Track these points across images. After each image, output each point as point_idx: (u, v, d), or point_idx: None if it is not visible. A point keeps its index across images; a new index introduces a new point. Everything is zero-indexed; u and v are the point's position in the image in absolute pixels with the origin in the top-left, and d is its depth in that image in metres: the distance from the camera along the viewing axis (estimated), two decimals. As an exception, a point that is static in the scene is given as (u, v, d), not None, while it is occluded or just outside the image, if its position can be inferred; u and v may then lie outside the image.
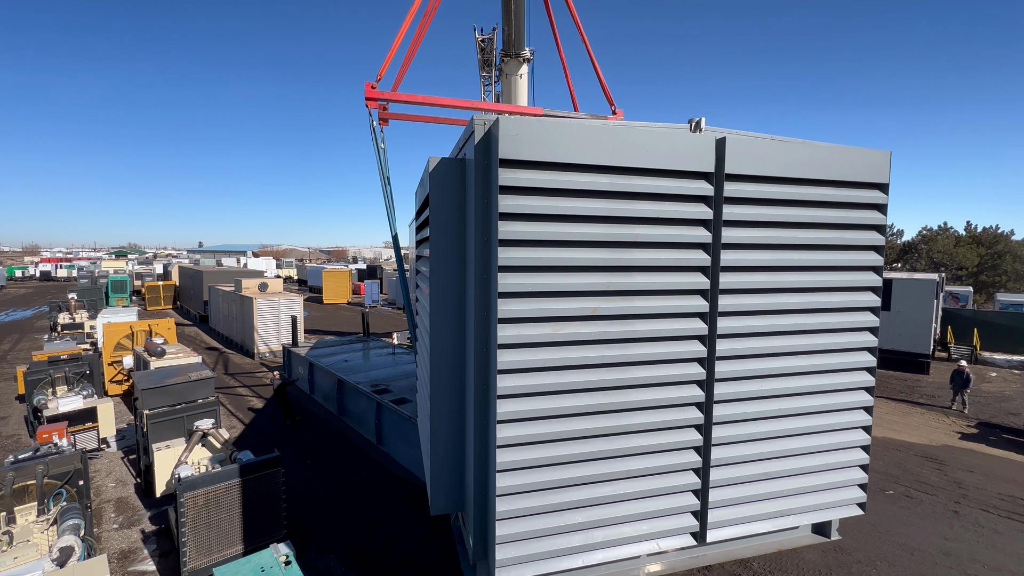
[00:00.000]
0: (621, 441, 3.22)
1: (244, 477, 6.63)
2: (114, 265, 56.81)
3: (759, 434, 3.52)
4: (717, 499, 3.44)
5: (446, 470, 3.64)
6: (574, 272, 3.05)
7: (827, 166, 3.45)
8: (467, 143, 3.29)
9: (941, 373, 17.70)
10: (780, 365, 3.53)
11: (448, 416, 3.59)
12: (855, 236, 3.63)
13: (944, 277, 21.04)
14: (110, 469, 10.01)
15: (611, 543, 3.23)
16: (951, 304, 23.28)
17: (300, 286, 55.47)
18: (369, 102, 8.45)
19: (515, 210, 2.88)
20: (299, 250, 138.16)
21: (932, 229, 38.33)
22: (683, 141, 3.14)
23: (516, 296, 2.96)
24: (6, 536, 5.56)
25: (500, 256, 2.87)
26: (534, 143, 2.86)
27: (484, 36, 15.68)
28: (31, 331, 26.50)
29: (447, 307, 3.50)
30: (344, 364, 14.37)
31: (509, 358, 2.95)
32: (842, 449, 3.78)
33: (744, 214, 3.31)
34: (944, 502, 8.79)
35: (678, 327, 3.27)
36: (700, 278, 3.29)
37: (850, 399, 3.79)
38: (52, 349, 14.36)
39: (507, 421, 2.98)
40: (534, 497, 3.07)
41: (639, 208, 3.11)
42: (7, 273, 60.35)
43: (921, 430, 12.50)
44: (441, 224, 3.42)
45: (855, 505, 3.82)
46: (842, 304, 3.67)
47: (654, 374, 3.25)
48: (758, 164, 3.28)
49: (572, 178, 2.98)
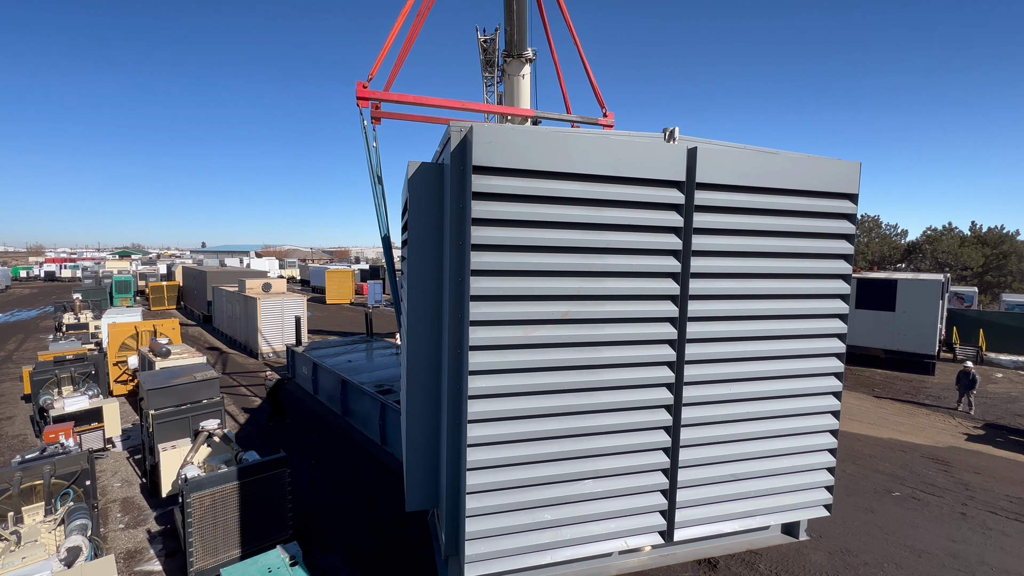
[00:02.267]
0: (590, 441, 3.29)
1: (250, 478, 6.63)
2: (118, 265, 57.03)
3: (727, 436, 3.59)
4: (685, 499, 3.51)
5: (421, 468, 3.71)
6: (546, 276, 3.11)
7: (797, 176, 3.50)
8: (445, 149, 3.35)
9: (946, 374, 17.62)
10: (749, 369, 3.60)
11: (423, 415, 3.65)
12: (824, 245, 3.70)
13: (949, 278, 20.94)
14: (116, 469, 10.04)
15: (579, 541, 3.31)
16: (956, 305, 23.19)
17: (303, 286, 55.58)
18: (360, 101, 8.51)
19: (488, 215, 2.93)
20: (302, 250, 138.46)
21: (937, 229, 38.18)
22: (655, 150, 3.19)
23: (488, 299, 3.01)
24: (14, 536, 5.58)
25: (473, 260, 2.93)
26: (508, 150, 2.90)
27: (486, 37, 15.68)
28: (36, 331, 26.62)
29: (424, 309, 3.56)
30: (348, 364, 14.39)
31: (481, 359, 3.02)
32: (809, 452, 3.85)
33: (714, 222, 3.37)
34: (951, 504, 8.74)
35: (648, 331, 3.34)
36: (670, 283, 3.35)
37: (818, 403, 3.85)
38: (57, 349, 14.42)
39: (478, 421, 3.05)
40: (504, 495, 3.14)
41: (611, 215, 3.17)
42: (12, 273, 60.67)
43: (927, 431, 12.44)
44: (419, 228, 3.47)
45: (822, 507, 3.90)
46: (811, 311, 3.74)
47: (624, 376, 3.32)
48: (729, 173, 3.33)
49: (545, 185, 3.02)
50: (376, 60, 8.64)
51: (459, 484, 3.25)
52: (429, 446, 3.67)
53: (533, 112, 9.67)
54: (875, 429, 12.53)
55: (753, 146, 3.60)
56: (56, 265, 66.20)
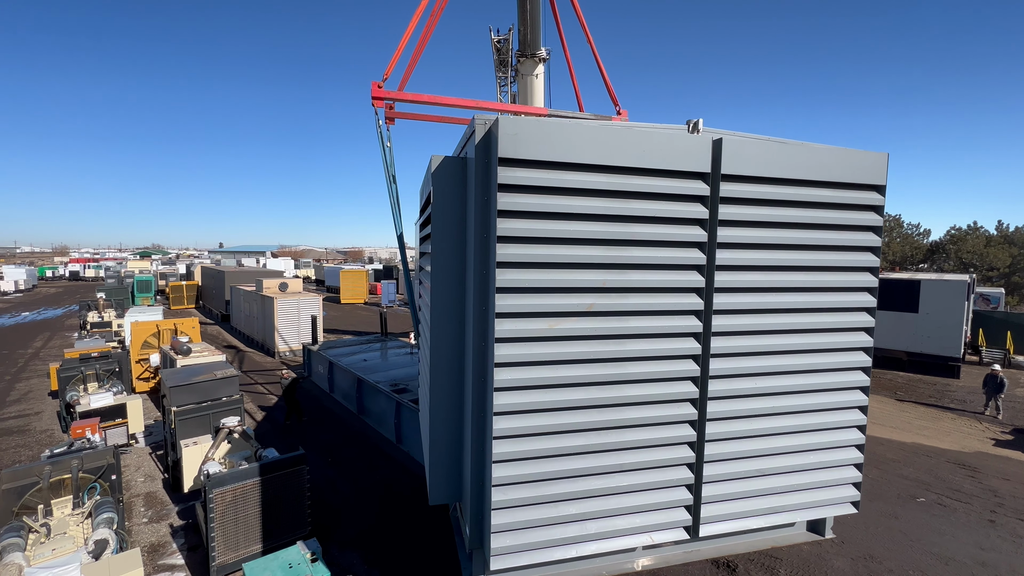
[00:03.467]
0: (616, 435, 3.28)
1: (270, 474, 6.72)
2: (139, 265, 58.40)
3: (753, 431, 3.56)
4: (710, 494, 3.49)
5: (444, 461, 3.73)
6: (571, 269, 3.11)
7: (823, 167, 3.46)
8: (468, 142, 3.36)
9: (972, 377, 17.13)
10: (775, 364, 3.57)
11: (447, 408, 3.67)
12: (851, 237, 3.65)
13: (975, 278, 20.36)
14: (139, 464, 10.26)
15: (605, 535, 3.30)
16: (982, 306, 22.51)
17: (318, 286, 56.26)
18: (375, 101, 8.57)
19: (514, 207, 2.94)
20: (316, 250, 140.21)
21: (961, 229, 37.13)
22: (680, 142, 3.18)
23: (514, 291, 3.02)
24: (44, 528, 5.74)
25: (498, 252, 2.93)
26: (533, 142, 2.91)
27: (500, 37, 15.72)
28: (62, 329, 27.37)
29: (447, 302, 3.57)
30: (363, 363, 14.51)
31: (506, 352, 3.02)
32: (837, 448, 3.81)
33: (740, 214, 3.34)
34: (979, 511, 8.49)
35: (673, 324, 3.32)
36: (695, 276, 3.33)
37: (845, 398, 3.81)
38: (83, 347, 14.79)
39: (503, 413, 3.05)
40: (529, 488, 3.14)
41: (636, 207, 3.16)
42: (39, 273, 62.47)
43: (953, 436, 12.11)
44: (442, 221, 3.49)
45: (849, 503, 3.85)
46: (838, 304, 3.69)
47: (649, 370, 3.31)
48: (754, 165, 3.30)
49: (570, 177, 3.02)
50: (391, 60, 8.72)
51: (484, 477, 3.26)
52: (452, 440, 3.69)
53: (547, 111, 9.67)
54: (898, 433, 12.24)
55: (777, 138, 3.55)
56: (80, 265, 68.00)
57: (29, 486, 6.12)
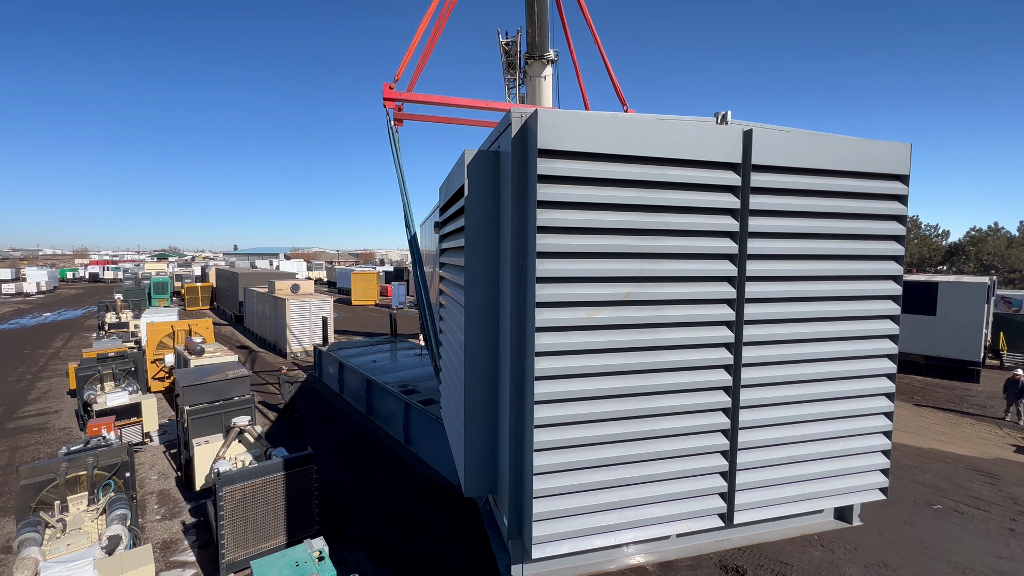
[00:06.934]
0: (653, 423, 3.32)
1: (279, 473, 6.81)
2: (156, 267, 59.58)
3: (784, 419, 3.62)
4: (744, 482, 3.54)
5: (479, 454, 3.79)
6: (608, 259, 3.16)
7: (849, 158, 3.55)
8: (502, 136, 3.43)
9: (993, 382, 16.72)
10: (804, 351, 3.65)
11: (482, 400, 3.73)
12: (877, 226, 3.72)
13: (995, 280, 19.87)
14: (153, 462, 10.46)
15: (642, 523, 3.33)
16: (1003, 309, 21.92)
17: (329, 287, 56.84)
18: (387, 102, 8.66)
19: (553, 198, 2.99)
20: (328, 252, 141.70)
21: (981, 230, 36.29)
22: (712, 133, 3.25)
23: (553, 281, 3.07)
24: (60, 523, 5.88)
25: (539, 242, 2.98)
26: (571, 134, 2.97)
27: (508, 39, 15.79)
28: (81, 329, 28.02)
29: (483, 294, 3.64)
30: (373, 364, 14.63)
31: (546, 341, 3.06)
32: (864, 435, 3.88)
33: (770, 204, 3.40)
34: (998, 519, 8.27)
35: (707, 313, 3.37)
36: (728, 266, 3.38)
37: (872, 385, 3.87)
38: (101, 347, 15.14)
39: (544, 402, 3.10)
40: (569, 476, 3.18)
41: (670, 197, 3.22)
42: (60, 275, 64.04)
43: (972, 442, 11.82)
44: (477, 213, 3.59)
45: (877, 490, 3.92)
46: (865, 293, 3.76)
47: (684, 358, 3.36)
48: (783, 155, 3.38)
49: (606, 168, 3.08)
50: (402, 62, 8.81)
51: (522, 466, 3.32)
52: (487, 432, 3.77)
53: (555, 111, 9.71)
54: (915, 438, 11.98)
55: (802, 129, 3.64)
56: (100, 267, 69.61)
57: (46, 482, 6.27)
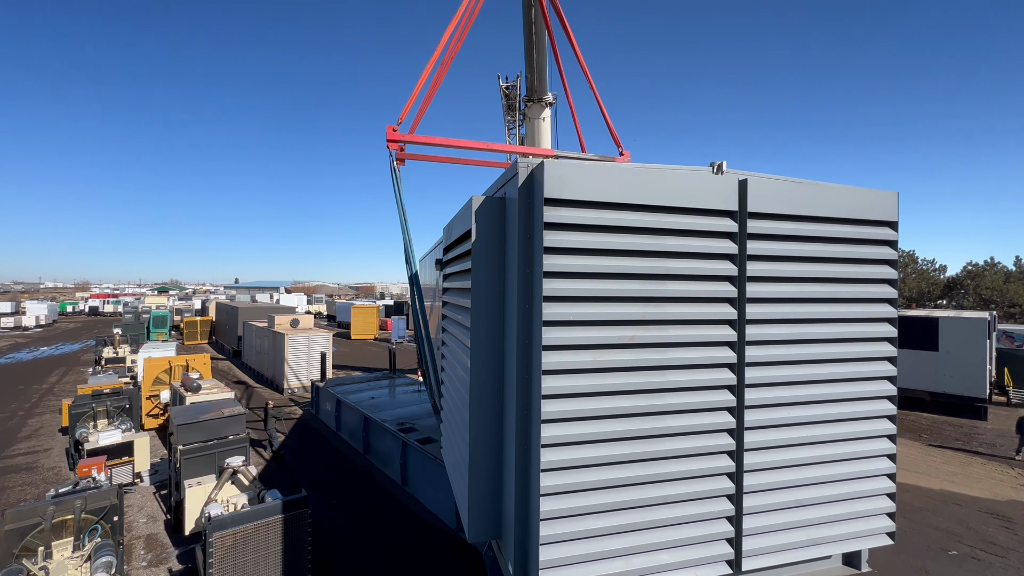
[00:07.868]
0: (658, 467, 3.32)
1: (272, 517, 6.60)
2: (156, 301, 59.66)
3: (789, 461, 3.64)
4: (751, 527, 3.52)
5: (484, 498, 3.75)
6: (613, 302, 3.24)
7: (841, 205, 3.74)
8: (508, 183, 3.60)
9: (1000, 419, 16.44)
10: (804, 393, 3.72)
11: (487, 442, 3.73)
12: (870, 270, 3.87)
13: (996, 315, 19.88)
14: (142, 504, 10.15)
15: (649, 570, 3.27)
16: (1006, 344, 21.82)
17: (329, 321, 56.70)
18: (390, 144, 8.97)
19: (558, 244, 3.11)
20: (329, 286, 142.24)
21: (978, 264, 36.58)
22: (709, 181, 3.43)
23: (559, 324, 3.14)
24: (43, 572, 5.67)
25: (545, 287, 3.08)
26: (575, 183, 3.14)
27: (508, 83, 16.46)
28: (77, 364, 27.77)
29: (489, 337, 3.71)
30: (370, 401, 14.42)
31: (553, 384, 3.10)
32: (867, 477, 3.86)
33: (766, 249, 3.55)
34: (1017, 566, 7.96)
35: (709, 355, 3.45)
36: (728, 308, 3.48)
37: (873, 426, 3.90)
38: (96, 383, 14.97)
39: (550, 445, 3.10)
40: (576, 522, 3.14)
41: (670, 243, 3.35)
42: (59, 309, 64.04)
43: (983, 482, 11.50)
44: (484, 257, 3.73)
45: (884, 535, 3.86)
46: (861, 334, 3.85)
47: (688, 400, 3.40)
48: (777, 203, 3.56)
49: (609, 215, 3.22)
50: (405, 106, 9.16)
51: (528, 512, 3.28)
52: (492, 475, 3.75)
53: (553, 152, 10.02)
54: (925, 479, 11.67)
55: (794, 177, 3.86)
56: (100, 300, 69.66)
57: (31, 527, 6.07)
